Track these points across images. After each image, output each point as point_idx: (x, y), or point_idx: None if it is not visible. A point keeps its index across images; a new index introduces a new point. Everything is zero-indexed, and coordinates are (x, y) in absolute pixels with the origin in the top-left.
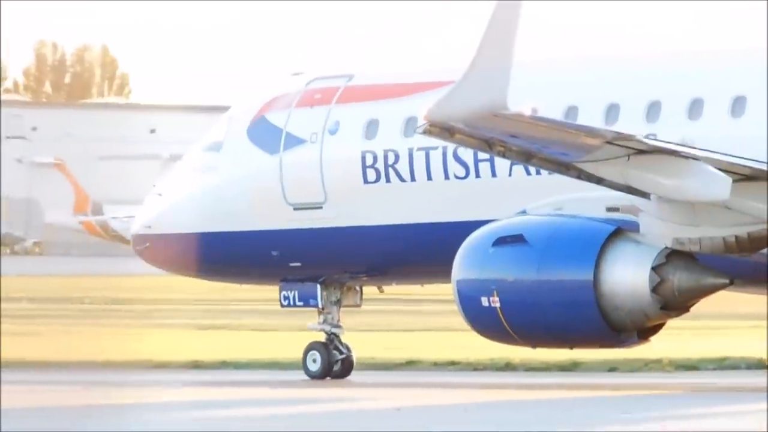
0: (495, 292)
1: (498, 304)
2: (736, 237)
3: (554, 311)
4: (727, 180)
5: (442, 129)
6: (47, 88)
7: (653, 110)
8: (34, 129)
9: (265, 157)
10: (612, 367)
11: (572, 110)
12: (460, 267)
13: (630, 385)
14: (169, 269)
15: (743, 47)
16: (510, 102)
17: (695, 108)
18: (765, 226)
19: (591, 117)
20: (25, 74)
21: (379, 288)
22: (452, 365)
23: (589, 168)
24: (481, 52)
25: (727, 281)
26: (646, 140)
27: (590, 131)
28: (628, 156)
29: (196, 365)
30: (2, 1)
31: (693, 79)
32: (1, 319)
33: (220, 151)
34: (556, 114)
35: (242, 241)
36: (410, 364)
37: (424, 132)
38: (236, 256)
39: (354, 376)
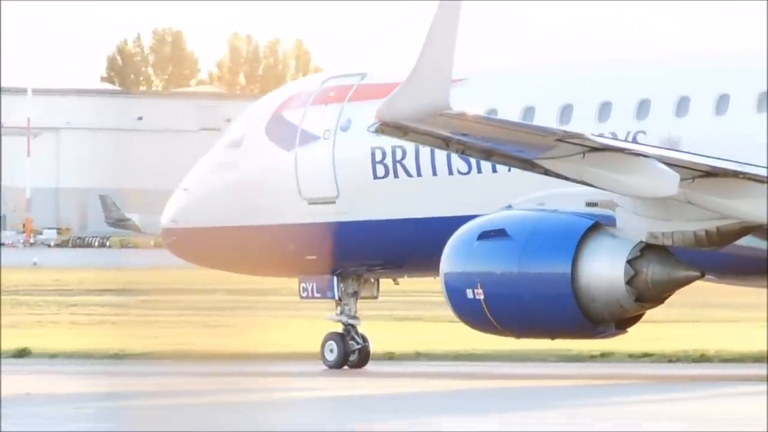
0: (479, 285)
1: (482, 296)
2: (706, 231)
3: (534, 303)
4: (675, 176)
5: (394, 128)
6: (241, 79)
7: (643, 108)
8: (228, 120)
9: (281, 153)
10: None
11: (567, 108)
12: (447, 260)
13: None
14: (194, 262)
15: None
16: (508, 101)
17: (682, 106)
18: (733, 221)
19: (584, 115)
20: (219, 66)
21: (394, 280)
22: (646, 357)
23: (546, 165)
24: (425, 52)
25: (698, 274)
26: (594, 138)
27: (539, 130)
28: (583, 153)
29: (390, 357)
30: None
31: (681, 78)
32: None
33: (240, 147)
34: (552, 112)
35: (261, 235)
36: (604, 356)
37: (376, 131)
38: (256, 249)
39: (370, 366)
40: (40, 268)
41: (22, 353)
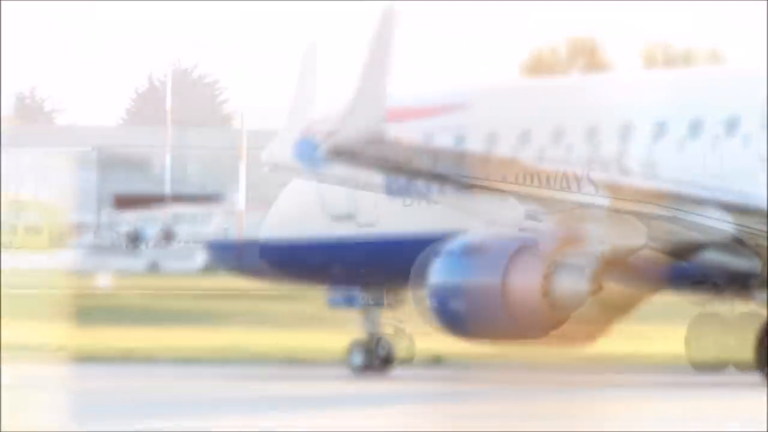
0: (433, 296)
1: (436, 305)
2: (603, 252)
3: (476, 312)
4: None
5: (345, 155)
6: None
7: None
8: None
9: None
10: None
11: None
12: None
13: None
14: (236, 272)
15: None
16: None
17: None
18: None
19: (575, 139)
20: None
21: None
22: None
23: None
24: (361, 84)
25: (601, 288)
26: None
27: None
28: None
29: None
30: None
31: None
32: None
33: None
34: (545, 135)
35: (294, 248)
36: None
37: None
38: (290, 261)
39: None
40: None
41: (437, 360)
